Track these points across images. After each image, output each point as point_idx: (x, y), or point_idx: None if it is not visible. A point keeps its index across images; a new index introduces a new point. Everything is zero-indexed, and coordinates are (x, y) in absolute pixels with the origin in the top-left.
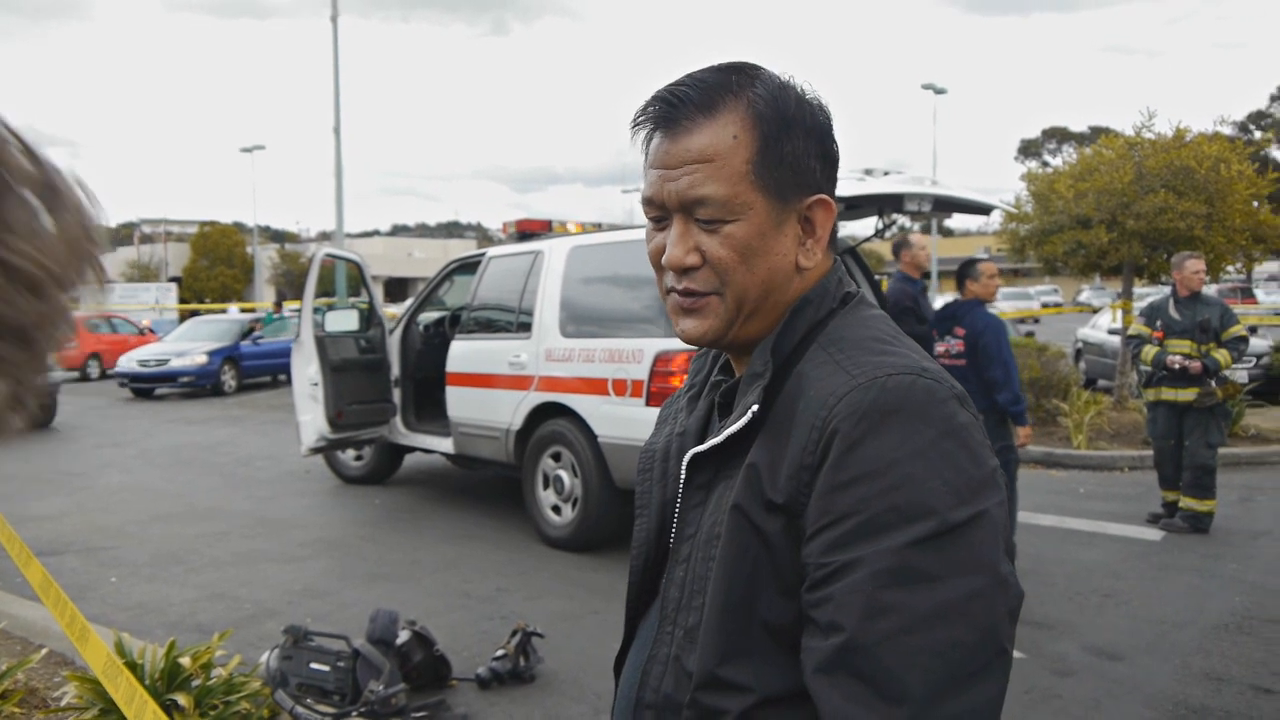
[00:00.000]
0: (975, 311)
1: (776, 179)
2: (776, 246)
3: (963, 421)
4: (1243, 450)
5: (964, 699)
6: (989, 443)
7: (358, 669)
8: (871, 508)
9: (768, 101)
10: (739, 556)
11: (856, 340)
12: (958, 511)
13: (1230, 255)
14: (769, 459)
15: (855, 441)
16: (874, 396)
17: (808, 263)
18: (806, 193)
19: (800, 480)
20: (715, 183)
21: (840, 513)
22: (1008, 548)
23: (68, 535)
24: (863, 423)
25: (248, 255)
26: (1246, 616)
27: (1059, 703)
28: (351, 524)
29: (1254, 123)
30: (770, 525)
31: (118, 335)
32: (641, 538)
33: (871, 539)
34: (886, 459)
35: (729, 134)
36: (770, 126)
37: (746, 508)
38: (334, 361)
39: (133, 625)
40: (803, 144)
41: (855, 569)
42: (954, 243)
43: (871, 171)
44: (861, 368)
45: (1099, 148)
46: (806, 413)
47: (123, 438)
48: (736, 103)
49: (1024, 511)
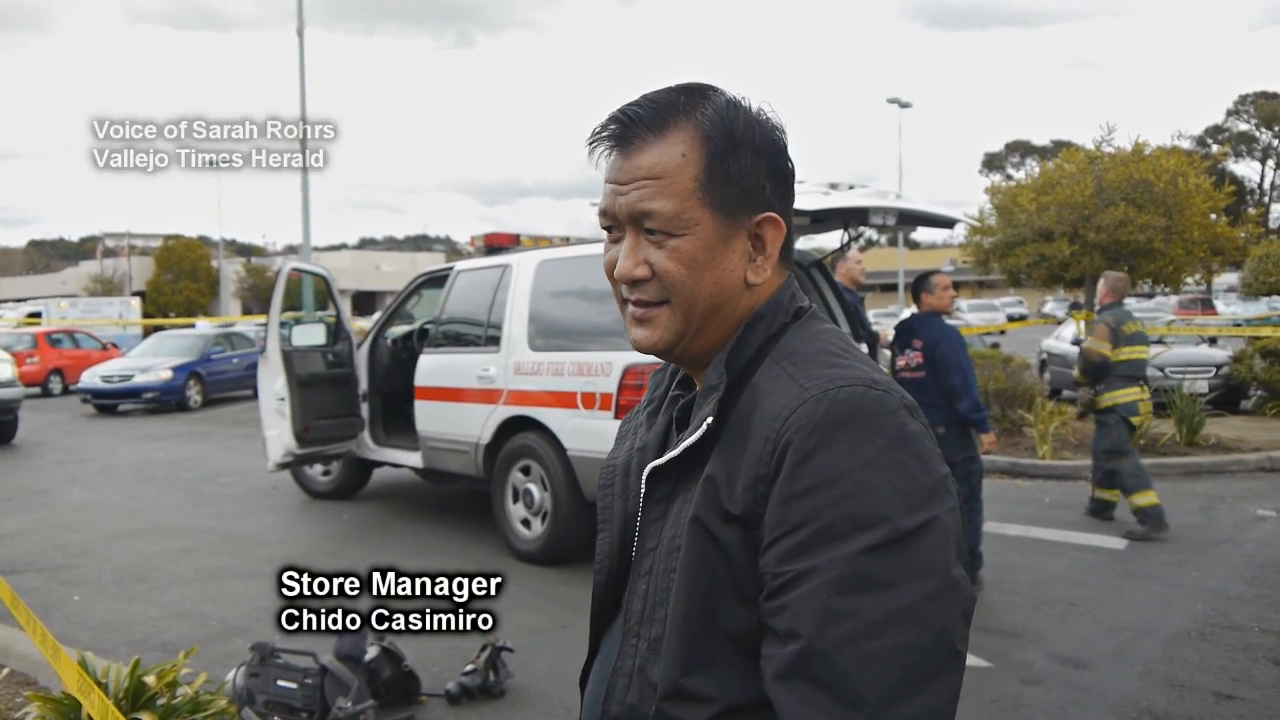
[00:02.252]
0: (931, 323)
1: (724, 196)
2: (724, 261)
3: (912, 430)
4: (1203, 459)
5: (919, 701)
6: (939, 450)
7: (325, 686)
8: (825, 516)
9: (715, 121)
10: (699, 567)
11: (808, 354)
12: (909, 518)
13: (1189, 267)
14: (725, 471)
15: (808, 452)
16: (825, 408)
17: (756, 279)
18: (755, 210)
19: (756, 491)
20: (663, 198)
21: (795, 522)
22: (960, 551)
23: (29, 553)
24: (815, 434)
25: (213, 269)
26: (1208, 623)
27: (1026, 711)
28: (319, 539)
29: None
30: (728, 536)
31: (80, 350)
32: (604, 552)
33: (826, 547)
34: (839, 468)
35: (677, 152)
36: (717, 145)
37: (705, 519)
38: (301, 376)
39: (96, 644)
40: (751, 162)
41: (810, 577)
42: (920, 255)
43: (837, 185)
44: (814, 380)
45: (1060, 161)
46: (761, 425)
47: (86, 454)
48: (686, 122)
49: (990, 521)
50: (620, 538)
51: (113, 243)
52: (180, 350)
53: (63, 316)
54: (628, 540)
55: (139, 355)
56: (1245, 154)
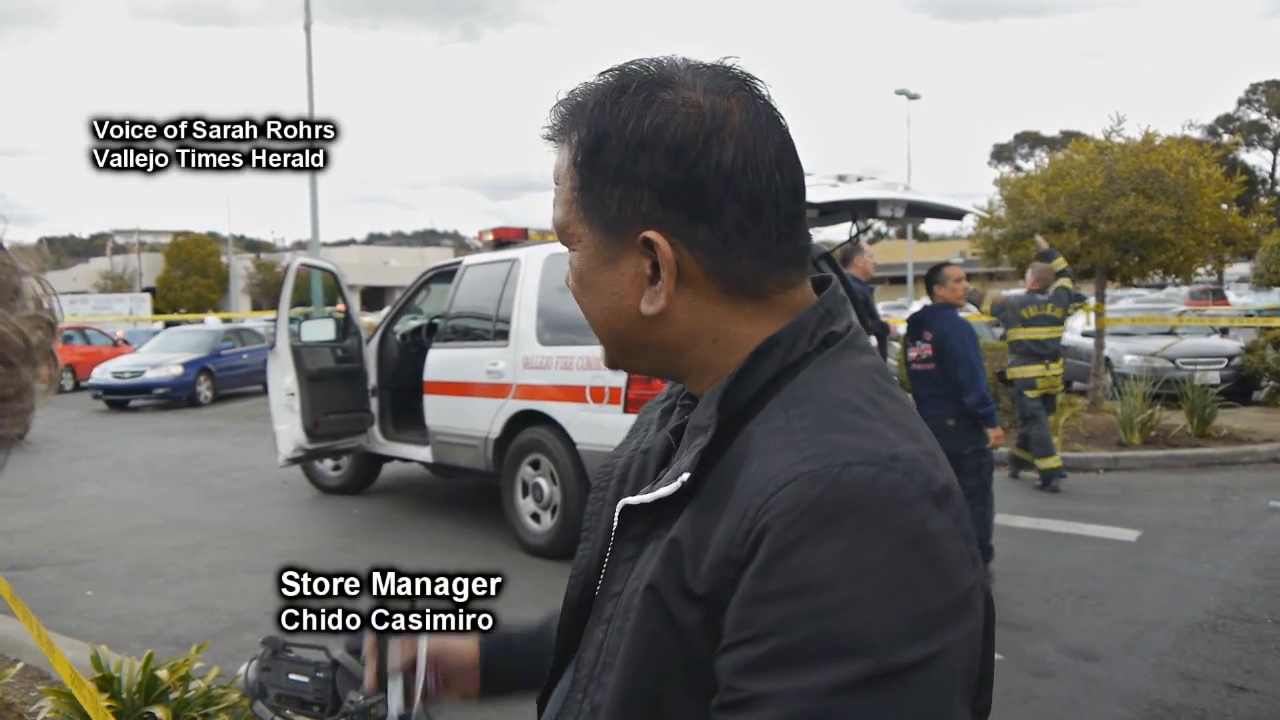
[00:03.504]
0: (942, 315)
1: (595, 205)
2: (608, 284)
3: (933, 530)
4: (1216, 451)
5: None
6: (969, 552)
7: (337, 679)
8: (796, 632)
9: (596, 118)
10: (649, 645)
11: (824, 404)
12: (905, 651)
13: (1200, 257)
14: (694, 537)
15: (789, 545)
16: (820, 491)
17: (649, 309)
18: (634, 226)
19: (724, 574)
20: (558, 206)
21: (758, 630)
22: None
23: (42, 548)
24: (801, 522)
25: (222, 265)
26: (1221, 616)
27: (1037, 703)
28: (330, 534)
29: (1222, 126)
30: (687, 617)
31: (91, 347)
32: (581, 565)
33: (790, 672)
34: (824, 574)
35: (569, 156)
36: (588, 148)
37: (662, 591)
38: (310, 371)
39: (109, 638)
40: (624, 164)
41: (766, 705)
42: (929, 247)
43: (845, 177)
44: (817, 447)
45: (1070, 152)
46: (742, 493)
47: (97, 450)
48: (583, 122)
49: (1001, 514)
50: (600, 553)
51: (122, 239)
52: (190, 346)
53: (73, 313)
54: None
55: (149, 351)
56: (1257, 143)
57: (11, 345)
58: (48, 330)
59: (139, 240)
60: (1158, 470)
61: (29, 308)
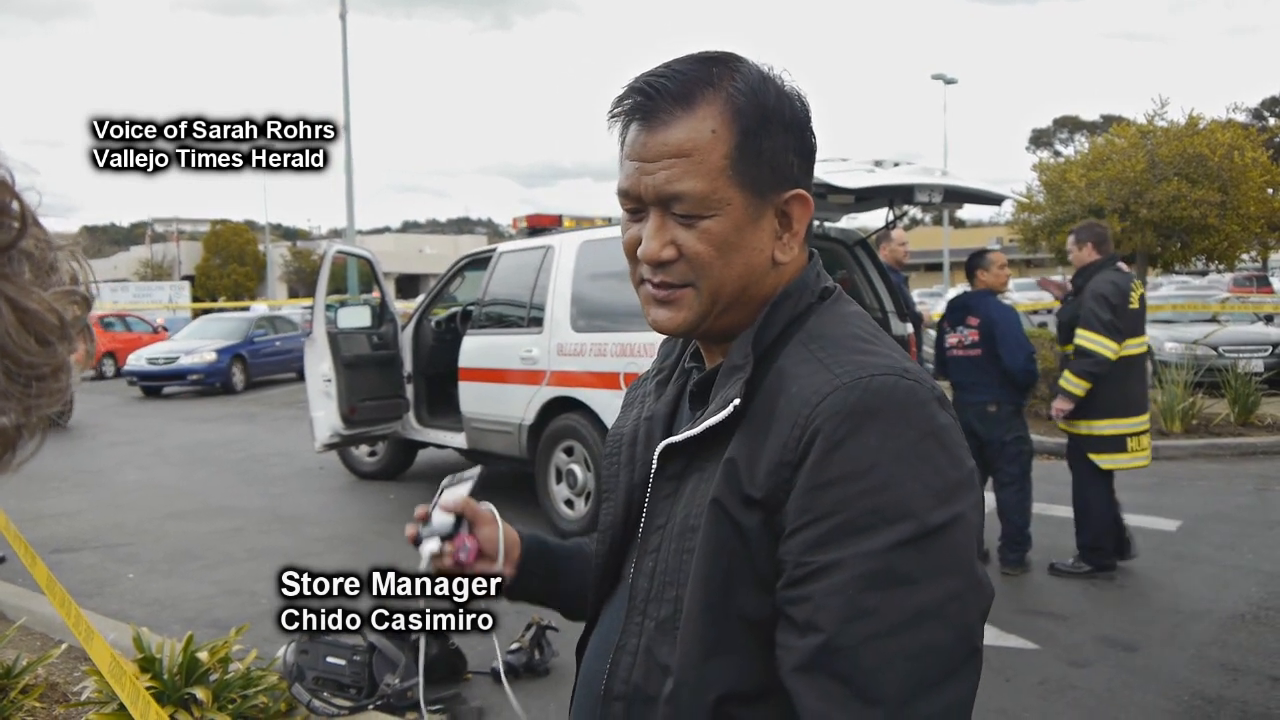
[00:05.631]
0: (987, 301)
1: (754, 174)
2: (753, 241)
3: (942, 423)
4: (1259, 440)
5: (938, 699)
6: (966, 443)
7: (374, 662)
8: (852, 508)
9: (747, 95)
10: (717, 551)
11: (837, 338)
12: (937, 514)
13: (1245, 243)
14: (748, 454)
15: (838, 441)
16: (857, 397)
17: (784, 257)
18: (784, 188)
19: (780, 477)
20: (693, 178)
21: (821, 512)
22: (980, 542)
23: (85, 532)
24: (846, 423)
25: (260, 253)
26: (1263, 606)
27: (1074, 694)
28: (366, 519)
29: (1268, 109)
30: (748, 520)
31: (132, 334)
32: (608, 522)
33: (852, 540)
34: (868, 460)
35: (707, 128)
36: (749, 121)
37: (725, 502)
38: (346, 358)
39: (150, 620)
40: (781, 139)
41: (835, 570)
42: (966, 234)
43: (881, 163)
44: (845, 367)
45: (1111, 136)
46: (788, 409)
47: (138, 435)
48: (715, 96)
49: (1040, 503)
50: (625, 509)
51: (161, 228)
52: (224, 333)
53: (114, 300)
54: (632, 511)
55: (184, 338)
56: None
57: (47, 323)
58: (83, 305)
59: (178, 229)
60: (1199, 459)
61: (64, 283)
